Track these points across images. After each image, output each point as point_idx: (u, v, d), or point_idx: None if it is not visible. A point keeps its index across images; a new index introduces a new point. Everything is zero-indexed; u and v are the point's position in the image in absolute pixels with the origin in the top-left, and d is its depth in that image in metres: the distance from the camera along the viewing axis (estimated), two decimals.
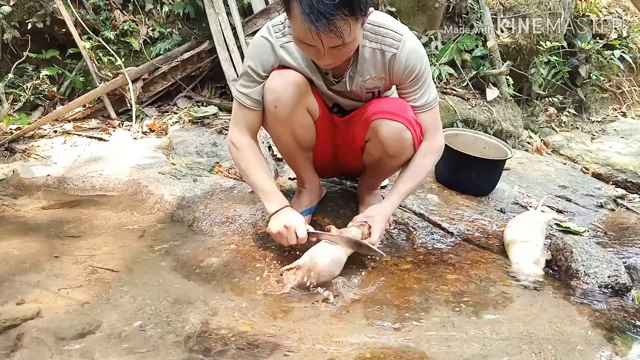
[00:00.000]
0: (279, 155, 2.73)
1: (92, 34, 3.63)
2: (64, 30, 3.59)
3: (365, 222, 1.87)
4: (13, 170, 2.65)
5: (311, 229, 1.83)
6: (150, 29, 3.83)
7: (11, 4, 3.54)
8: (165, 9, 3.87)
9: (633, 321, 1.66)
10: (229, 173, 2.74)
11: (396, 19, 3.61)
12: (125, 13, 3.80)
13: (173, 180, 2.53)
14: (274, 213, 1.83)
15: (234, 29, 3.70)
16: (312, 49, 1.56)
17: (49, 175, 2.63)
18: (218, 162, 2.87)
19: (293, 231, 1.77)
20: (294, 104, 1.78)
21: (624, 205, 2.92)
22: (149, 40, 3.81)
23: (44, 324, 1.48)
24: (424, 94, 1.82)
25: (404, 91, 1.83)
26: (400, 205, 2.26)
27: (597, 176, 3.66)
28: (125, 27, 3.70)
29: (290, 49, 1.73)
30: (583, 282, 1.85)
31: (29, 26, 3.56)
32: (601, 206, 2.81)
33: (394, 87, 1.91)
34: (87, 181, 2.58)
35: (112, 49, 3.66)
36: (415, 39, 1.78)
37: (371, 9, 1.58)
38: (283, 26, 1.72)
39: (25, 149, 2.98)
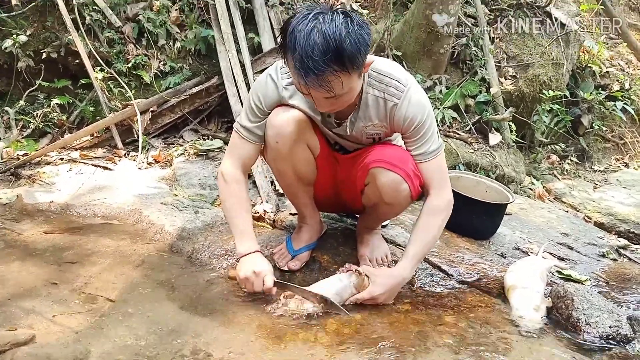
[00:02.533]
0: (281, 190, 2.74)
1: (104, 65, 3.71)
2: (77, 61, 3.67)
3: (368, 276, 1.86)
4: (17, 195, 2.67)
5: (276, 281, 1.81)
6: (162, 63, 3.91)
7: (27, 33, 3.64)
8: (178, 44, 3.96)
9: None
10: None
11: (402, 62, 3.67)
12: (138, 47, 3.89)
13: (174, 211, 2.54)
14: (244, 255, 1.83)
15: (242, 66, 3.78)
16: (309, 97, 1.59)
17: (52, 201, 2.64)
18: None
19: (261, 278, 1.77)
20: (295, 139, 1.80)
21: (627, 256, 2.90)
22: (159, 74, 3.89)
23: (36, 351, 1.47)
24: (425, 144, 1.80)
25: (406, 140, 1.83)
26: (399, 245, 2.26)
27: (600, 225, 3.65)
28: (138, 61, 3.79)
29: (294, 90, 1.76)
30: (584, 331, 1.82)
31: (44, 56, 3.65)
32: (603, 255, 2.79)
33: (396, 134, 1.91)
34: (90, 209, 2.59)
35: (123, 81, 3.74)
36: (420, 90, 1.77)
37: (371, 58, 1.60)
38: None
39: (31, 174, 3.01)
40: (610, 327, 1.82)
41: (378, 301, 1.85)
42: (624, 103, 4.68)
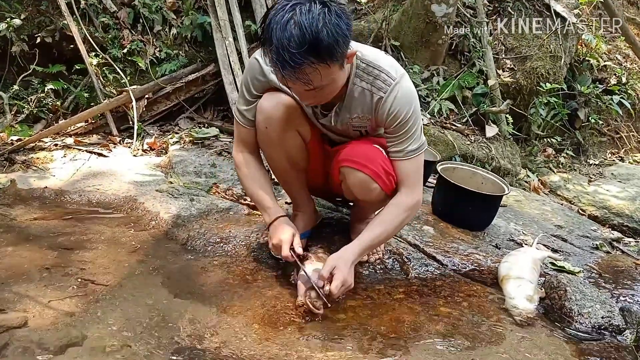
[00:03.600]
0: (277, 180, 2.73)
1: (99, 51, 3.68)
2: (72, 46, 3.63)
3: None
4: (11, 181, 2.65)
5: (298, 248, 1.80)
6: (158, 49, 3.88)
7: (22, 17, 3.60)
8: (174, 31, 3.93)
9: None
10: (225, 194, 2.74)
11: (399, 53, 3.65)
12: (134, 33, 3.86)
13: (170, 199, 2.53)
14: (269, 225, 1.88)
15: (239, 53, 3.76)
16: (290, 89, 1.57)
17: (46, 187, 2.62)
18: (216, 183, 2.87)
19: (279, 249, 1.82)
20: (284, 125, 1.79)
21: (620, 249, 2.92)
22: (155, 61, 3.86)
23: (29, 334, 1.47)
24: (405, 142, 1.74)
25: (388, 135, 1.78)
26: (395, 235, 2.26)
27: (594, 218, 3.67)
28: (133, 47, 3.76)
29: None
30: (576, 321, 1.83)
31: (38, 40, 3.61)
32: (597, 248, 2.81)
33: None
34: (85, 195, 2.57)
35: (118, 67, 3.71)
36: (410, 85, 1.71)
37: (360, 47, 1.57)
38: None
39: (25, 160, 2.99)
40: (602, 317, 1.83)
41: (347, 284, 1.72)
42: (621, 97, 4.69)
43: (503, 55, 4.43)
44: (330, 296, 1.66)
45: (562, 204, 3.76)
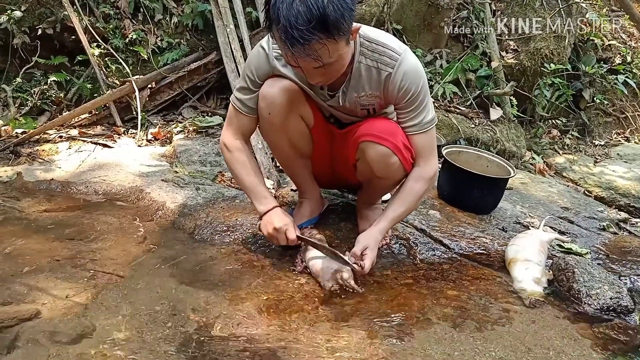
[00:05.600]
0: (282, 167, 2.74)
1: (101, 41, 3.66)
2: (73, 37, 3.62)
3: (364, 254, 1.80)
4: (17, 173, 2.67)
5: (298, 233, 1.86)
6: (159, 38, 3.87)
7: (22, 9, 3.58)
8: (175, 19, 3.91)
9: (635, 343, 1.64)
10: (231, 182, 2.74)
11: (402, 37, 3.62)
12: (135, 22, 3.84)
13: (176, 188, 2.54)
14: (263, 214, 1.86)
15: (241, 41, 3.74)
16: (299, 69, 1.57)
17: (52, 179, 2.63)
18: (221, 172, 2.88)
19: (283, 233, 1.82)
20: (287, 110, 1.79)
21: (627, 229, 2.91)
22: (157, 50, 3.85)
23: (41, 326, 1.48)
24: (419, 115, 1.77)
25: (399, 111, 1.80)
26: (402, 220, 2.26)
27: (600, 199, 3.65)
28: (135, 36, 3.74)
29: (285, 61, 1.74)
30: (585, 302, 1.83)
31: (39, 32, 3.59)
32: (603, 229, 2.80)
33: (392, 106, 1.89)
34: (91, 186, 2.58)
35: (120, 57, 3.70)
36: (415, 59, 1.74)
37: (357, 25, 1.58)
38: None
39: (30, 152, 3.00)
40: (611, 298, 1.83)
41: (374, 261, 1.84)
42: (626, 77, 4.65)
43: (506, 37, 4.39)
44: (363, 274, 1.74)
45: (568, 186, 3.75)
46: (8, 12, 3.51)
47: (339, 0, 1.41)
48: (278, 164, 2.85)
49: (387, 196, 2.38)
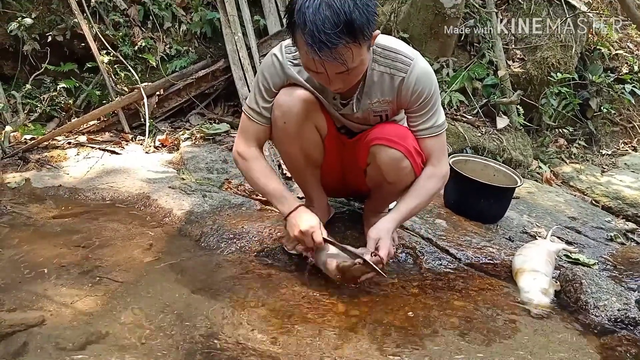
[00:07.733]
0: (288, 174, 2.74)
1: (110, 49, 3.70)
2: (83, 44, 3.66)
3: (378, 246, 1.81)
4: (25, 180, 2.69)
5: (325, 235, 1.81)
6: (168, 46, 3.90)
7: (33, 16, 3.62)
8: (183, 27, 3.94)
9: None
10: (238, 190, 2.75)
11: (408, 45, 3.64)
12: (144, 30, 3.88)
13: (182, 195, 2.55)
14: (287, 215, 1.82)
15: (249, 49, 3.76)
16: (320, 76, 1.58)
17: (60, 185, 2.65)
18: (228, 179, 2.89)
19: (309, 236, 1.77)
20: (302, 119, 1.79)
21: (635, 240, 2.90)
22: (165, 57, 3.88)
23: (47, 332, 1.49)
24: (431, 118, 1.80)
25: (412, 115, 1.81)
26: (407, 229, 2.26)
27: (607, 209, 3.63)
28: (144, 44, 3.77)
29: (299, 69, 1.74)
30: (592, 314, 1.82)
31: (49, 39, 3.64)
32: (611, 239, 2.78)
33: (402, 112, 1.90)
34: (98, 193, 2.60)
35: (129, 65, 3.73)
36: (426, 63, 1.77)
37: (377, 31, 1.59)
38: (295, 48, 1.75)
39: (39, 158, 3.02)
40: (618, 310, 1.82)
41: (391, 253, 1.82)
42: (633, 86, 4.63)
43: (513, 46, 4.39)
44: (382, 265, 1.74)
45: (575, 195, 3.73)
46: (19, 19, 3.55)
47: (364, 6, 1.44)
48: (285, 172, 2.86)
49: (393, 204, 2.38)
